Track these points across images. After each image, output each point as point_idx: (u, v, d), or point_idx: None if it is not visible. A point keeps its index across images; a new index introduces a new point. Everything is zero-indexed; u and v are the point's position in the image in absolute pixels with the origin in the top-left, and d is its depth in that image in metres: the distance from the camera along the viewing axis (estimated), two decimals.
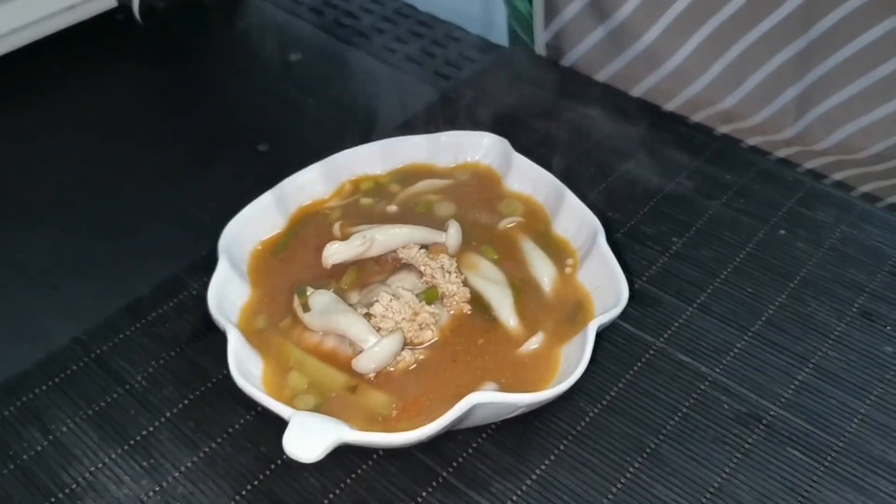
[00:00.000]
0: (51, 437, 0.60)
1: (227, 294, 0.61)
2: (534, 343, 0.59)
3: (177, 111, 0.92)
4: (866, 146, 0.86)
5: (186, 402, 0.62)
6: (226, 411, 0.61)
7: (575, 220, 0.66)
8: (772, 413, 0.62)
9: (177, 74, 0.97)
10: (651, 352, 0.66)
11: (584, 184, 0.76)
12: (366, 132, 0.84)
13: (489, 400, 0.52)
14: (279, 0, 1.07)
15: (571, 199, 0.67)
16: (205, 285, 0.68)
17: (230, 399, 0.62)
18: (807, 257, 0.74)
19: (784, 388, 0.63)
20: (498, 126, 0.76)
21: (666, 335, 0.67)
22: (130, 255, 0.73)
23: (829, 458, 0.59)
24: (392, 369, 0.58)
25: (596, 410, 0.62)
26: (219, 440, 0.60)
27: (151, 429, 0.60)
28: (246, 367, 0.56)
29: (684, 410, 0.62)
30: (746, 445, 0.60)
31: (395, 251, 0.65)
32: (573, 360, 0.57)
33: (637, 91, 0.95)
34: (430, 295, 0.60)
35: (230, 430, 0.60)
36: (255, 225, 0.66)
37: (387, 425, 0.55)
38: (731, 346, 0.66)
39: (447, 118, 0.82)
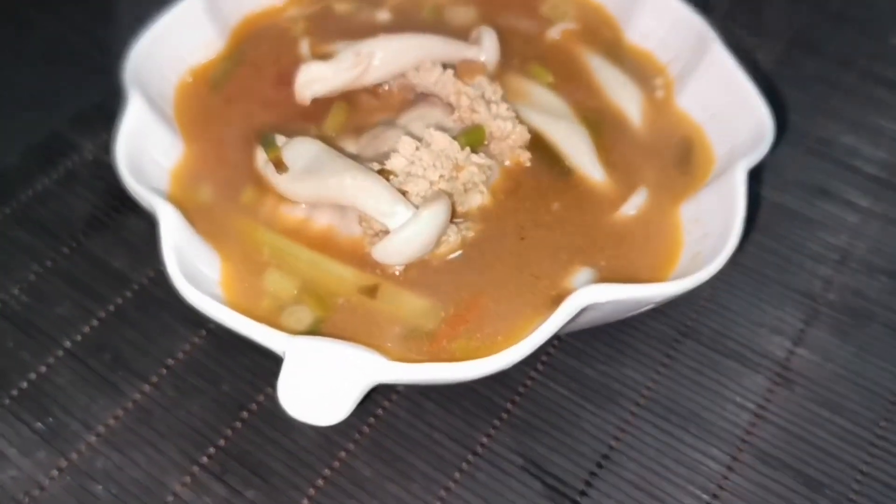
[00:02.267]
0: None
1: (148, 150, 0.38)
2: (636, 205, 0.39)
3: None
4: None
5: (95, 323, 0.41)
6: (160, 333, 0.41)
7: (662, 23, 0.46)
8: None
9: None
10: (767, 209, 0.47)
11: None
12: None
13: (611, 297, 0.32)
14: None
15: None
16: (103, 146, 0.46)
17: (165, 314, 0.41)
18: None
19: None
20: None
21: (780, 185, 0.48)
22: None
23: None
24: (430, 256, 0.36)
25: (708, 296, 0.43)
26: (154, 380, 0.39)
27: (43, 369, 0.39)
28: (195, 266, 0.34)
29: (827, 286, 0.43)
30: None
31: (403, 76, 0.42)
32: (709, 225, 0.38)
33: None
34: (476, 136, 0.39)
35: (171, 362, 0.40)
36: (177, 44, 0.43)
37: (435, 344, 0.35)
38: (864, 197, 0.48)
39: None
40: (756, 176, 0.45)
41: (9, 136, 0.50)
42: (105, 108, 0.49)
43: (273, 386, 0.38)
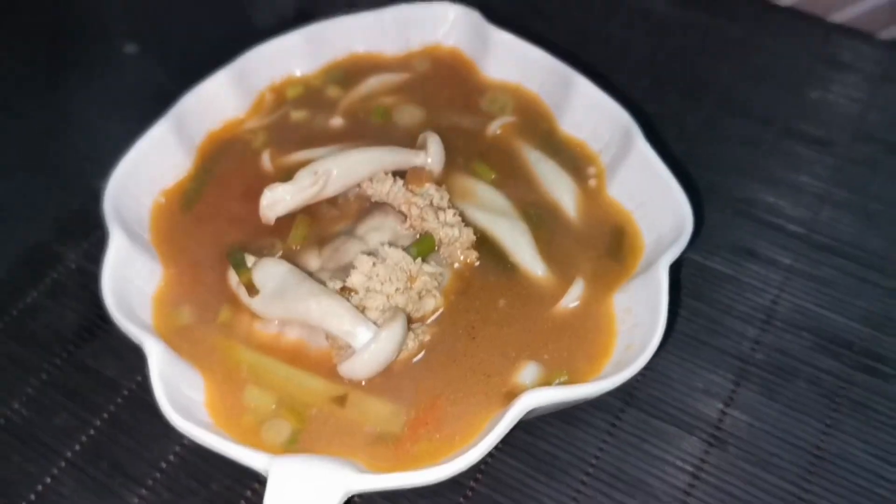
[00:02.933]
0: None
1: (131, 281, 0.42)
2: (574, 298, 0.43)
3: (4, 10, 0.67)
4: None
5: (92, 432, 0.45)
6: (151, 438, 0.45)
7: (592, 114, 0.49)
8: (860, 336, 0.49)
9: None
10: (697, 274, 0.51)
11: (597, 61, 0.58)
12: (273, 14, 0.63)
13: (552, 400, 0.36)
14: None
15: (584, 85, 0.49)
16: (85, 254, 0.52)
17: (155, 419, 0.44)
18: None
19: (865, 301, 0.50)
20: None
21: (709, 249, 0.52)
22: None
23: None
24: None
25: (648, 364, 0.47)
26: (149, 483, 0.43)
27: (49, 480, 0.43)
28: (181, 392, 0.38)
29: (755, 347, 0.48)
30: (841, 384, 0.47)
31: (358, 186, 0.46)
32: (639, 315, 0.42)
33: None
34: (426, 246, 0.43)
35: (163, 465, 0.44)
36: (150, 169, 0.46)
37: (399, 448, 0.39)
38: (788, 255, 0.52)
39: None
40: (691, 242, 0.50)
41: None
42: (85, 213, 0.53)
43: (259, 481, 0.42)
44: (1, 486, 0.43)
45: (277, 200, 0.44)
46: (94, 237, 0.52)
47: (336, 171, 0.45)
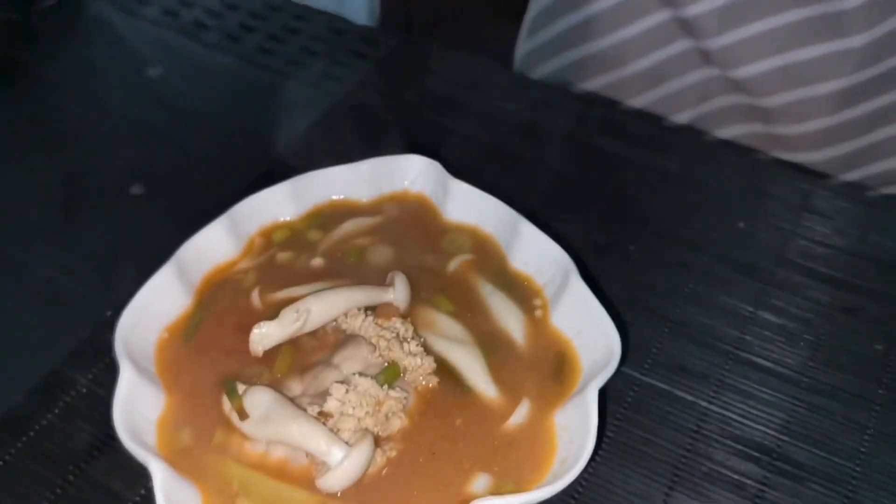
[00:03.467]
0: None
1: (138, 410, 0.48)
2: (521, 416, 0.50)
3: (17, 155, 0.75)
4: None
5: None
6: None
7: (536, 253, 0.57)
8: (780, 444, 0.56)
9: (9, 109, 0.80)
10: (635, 388, 0.58)
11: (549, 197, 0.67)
12: (258, 157, 0.72)
13: None
14: (123, 3, 0.90)
15: (528, 229, 0.57)
16: (95, 379, 0.57)
17: None
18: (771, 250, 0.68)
19: (782, 410, 0.57)
20: (415, 138, 0.65)
21: (646, 365, 0.60)
22: None
23: (850, 488, 0.53)
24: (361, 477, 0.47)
25: (591, 469, 0.54)
26: None
27: None
28: None
29: (687, 455, 0.55)
30: (762, 487, 0.53)
31: (335, 321, 0.53)
32: (573, 431, 0.49)
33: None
34: (392, 374, 0.50)
35: None
36: (155, 308, 0.53)
37: None
38: (717, 369, 0.60)
39: (353, 135, 0.71)
40: (630, 359, 0.57)
41: (14, 376, 0.60)
42: (93, 342, 0.60)
43: None
44: None
45: (265, 336, 0.51)
46: (102, 363, 0.58)
47: (315, 308, 0.52)
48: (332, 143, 0.74)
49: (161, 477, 0.44)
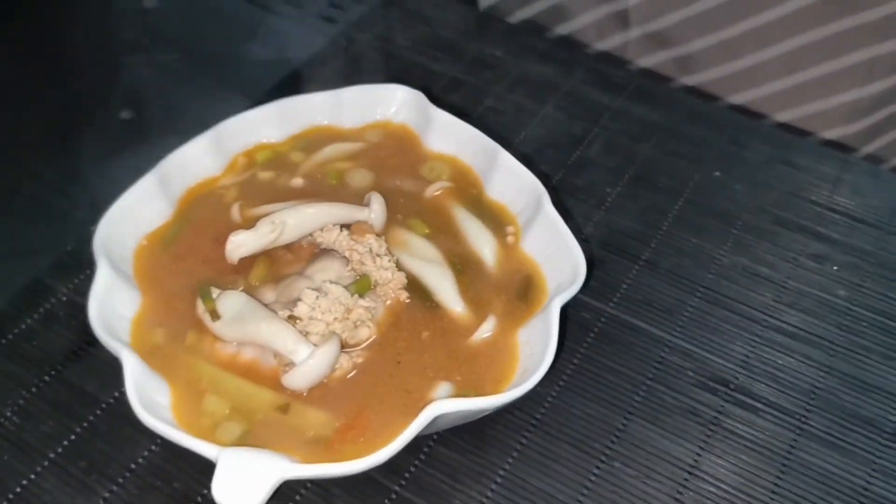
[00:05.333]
0: None
1: (113, 306, 0.50)
2: (486, 331, 0.52)
3: (13, 76, 0.77)
4: None
5: (73, 437, 0.52)
6: (124, 443, 0.52)
7: (512, 182, 0.58)
8: (738, 376, 0.57)
9: (9, 37, 0.81)
10: (602, 319, 0.60)
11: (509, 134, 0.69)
12: (247, 90, 0.73)
13: (453, 409, 0.44)
14: None
15: (506, 158, 0.58)
16: (76, 289, 0.58)
17: (128, 427, 0.52)
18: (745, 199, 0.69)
19: (743, 346, 0.59)
20: (405, 75, 0.67)
21: (615, 299, 0.61)
22: None
23: (802, 420, 0.55)
24: (327, 380, 0.49)
25: (554, 393, 0.56)
26: (120, 481, 0.50)
27: (33, 476, 0.51)
28: (150, 397, 0.46)
29: (648, 383, 0.56)
30: (717, 415, 0.55)
31: (311, 235, 0.55)
32: (534, 346, 0.50)
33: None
34: (363, 285, 0.51)
35: (133, 466, 0.51)
36: (135, 215, 0.55)
37: (329, 448, 0.46)
38: (684, 306, 0.61)
39: (344, 69, 0.72)
40: (597, 292, 0.58)
41: None
42: (76, 255, 0.61)
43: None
44: None
45: (240, 244, 0.53)
46: (83, 275, 0.60)
47: (291, 221, 0.54)
48: (323, 79, 0.74)
49: (131, 367, 0.46)
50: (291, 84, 0.74)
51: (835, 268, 0.65)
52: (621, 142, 0.73)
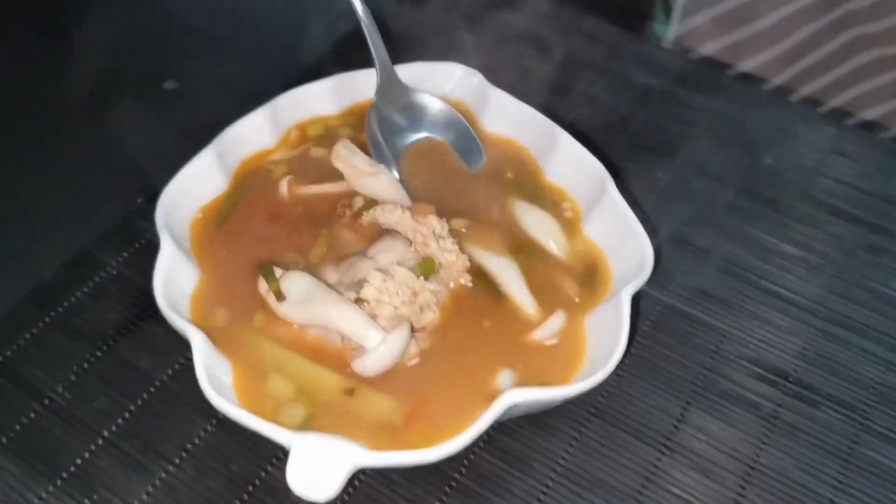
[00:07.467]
0: None
1: (175, 282, 0.49)
2: (553, 326, 0.51)
3: (53, 43, 0.75)
4: None
5: (127, 415, 0.51)
6: (180, 422, 0.51)
7: (572, 166, 0.57)
8: (796, 369, 0.57)
9: (53, 5, 0.79)
10: (658, 308, 0.59)
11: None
12: (293, 60, 0.71)
13: (528, 399, 0.43)
14: None
15: (567, 141, 0.57)
16: (125, 262, 0.56)
17: (183, 406, 0.52)
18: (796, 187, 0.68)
19: (800, 338, 0.58)
20: (461, 54, 0.65)
21: (669, 287, 0.60)
22: (22, 229, 0.60)
23: (863, 415, 0.55)
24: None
25: (613, 382, 0.55)
26: (177, 461, 0.50)
27: (87, 455, 0.50)
28: (216, 377, 0.45)
29: (706, 373, 0.56)
30: (777, 408, 0.54)
31: (373, 215, 0.54)
32: (602, 336, 0.49)
33: None
34: (428, 268, 0.50)
35: (189, 446, 0.50)
36: (193, 188, 0.54)
37: (396, 435, 0.46)
38: (738, 295, 0.60)
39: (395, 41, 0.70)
40: (652, 280, 0.57)
41: (45, 254, 0.59)
42: (125, 228, 0.60)
43: (271, 464, 0.49)
44: (44, 458, 0.49)
45: (342, 157, 0.54)
46: (133, 248, 0.59)
47: (383, 176, 0.54)
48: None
49: (199, 345, 0.45)
50: (333, 56, 0.73)
51: (889, 260, 0.64)
52: (671, 126, 0.72)
